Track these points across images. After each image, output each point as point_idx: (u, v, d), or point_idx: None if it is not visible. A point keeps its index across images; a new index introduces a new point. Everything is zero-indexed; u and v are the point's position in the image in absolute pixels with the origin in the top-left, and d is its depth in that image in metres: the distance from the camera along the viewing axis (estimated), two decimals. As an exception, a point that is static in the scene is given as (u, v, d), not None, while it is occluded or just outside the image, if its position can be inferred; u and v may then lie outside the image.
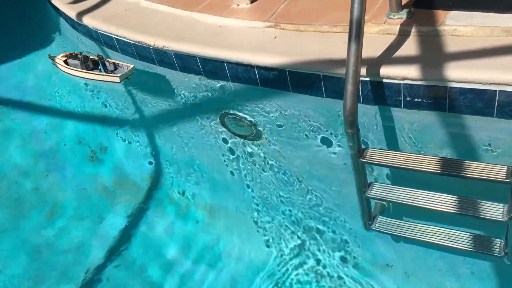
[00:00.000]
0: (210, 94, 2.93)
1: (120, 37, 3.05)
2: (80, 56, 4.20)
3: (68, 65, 4.43)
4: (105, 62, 4.05)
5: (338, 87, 2.19)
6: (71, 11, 3.45)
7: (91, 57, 4.06)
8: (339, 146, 2.56)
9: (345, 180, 2.63)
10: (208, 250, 3.50)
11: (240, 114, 2.91)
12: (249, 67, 2.50)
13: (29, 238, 3.59)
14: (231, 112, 2.96)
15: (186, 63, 2.78)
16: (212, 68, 2.69)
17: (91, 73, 4.27)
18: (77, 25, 3.52)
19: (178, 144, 3.64)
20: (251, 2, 2.89)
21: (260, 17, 2.72)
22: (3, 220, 3.66)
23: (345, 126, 1.98)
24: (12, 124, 4.35)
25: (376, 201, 2.47)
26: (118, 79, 4.00)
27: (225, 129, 3.12)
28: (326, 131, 2.53)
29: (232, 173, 3.36)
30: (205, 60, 2.68)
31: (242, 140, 3.10)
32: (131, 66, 3.92)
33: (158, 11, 3.18)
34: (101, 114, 4.28)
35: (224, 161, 3.33)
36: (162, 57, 2.90)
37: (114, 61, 4.03)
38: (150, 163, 3.98)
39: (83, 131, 4.27)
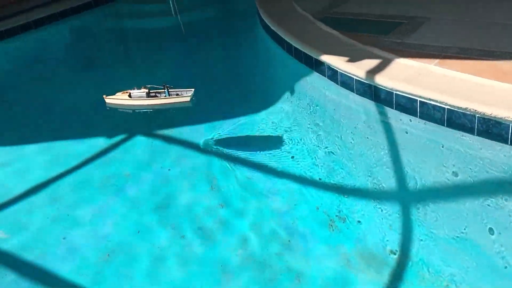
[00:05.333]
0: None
1: (430, 100, 2.85)
2: (144, 88, 5.68)
3: (132, 98, 5.67)
4: (169, 90, 5.58)
5: None
6: (359, 71, 3.38)
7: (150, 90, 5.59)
8: None
9: None
10: None
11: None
12: None
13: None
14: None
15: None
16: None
17: (163, 99, 5.69)
18: (354, 83, 3.44)
19: (440, 221, 3.31)
20: None
21: None
22: (252, 283, 3.53)
23: None
24: (248, 182, 4.37)
25: None
26: (188, 99, 5.57)
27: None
28: None
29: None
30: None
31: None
32: (192, 89, 5.62)
33: (456, 78, 2.98)
34: (339, 182, 4.13)
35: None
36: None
37: (175, 89, 5.62)
38: (398, 236, 3.67)
39: (319, 197, 4.14)
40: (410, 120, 3.11)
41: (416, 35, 4.14)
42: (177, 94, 5.73)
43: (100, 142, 5.15)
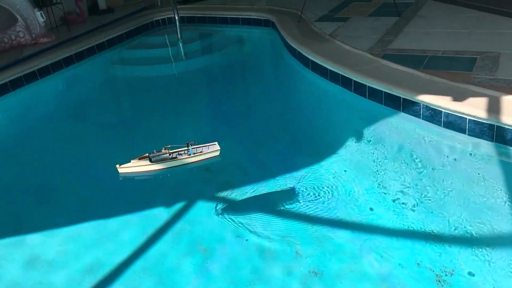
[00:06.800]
0: None
1: None
2: (164, 149, 5.27)
3: (153, 163, 5.24)
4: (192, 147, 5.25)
5: None
6: (475, 110, 3.16)
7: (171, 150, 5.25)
8: None
9: None
10: None
11: None
12: None
13: None
14: None
15: None
16: None
17: (188, 157, 5.30)
18: (467, 123, 3.22)
19: None
20: None
21: None
22: None
23: None
24: (333, 243, 4.13)
25: None
26: (217, 153, 5.29)
27: None
28: None
29: None
30: None
31: None
32: (215, 143, 5.35)
33: None
34: (436, 233, 3.90)
35: None
36: None
37: (197, 146, 5.33)
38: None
39: (417, 251, 3.91)
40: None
41: (504, 70, 3.95)
42: (201, 151, 5.32)
43: (161, 213, 4.89)
